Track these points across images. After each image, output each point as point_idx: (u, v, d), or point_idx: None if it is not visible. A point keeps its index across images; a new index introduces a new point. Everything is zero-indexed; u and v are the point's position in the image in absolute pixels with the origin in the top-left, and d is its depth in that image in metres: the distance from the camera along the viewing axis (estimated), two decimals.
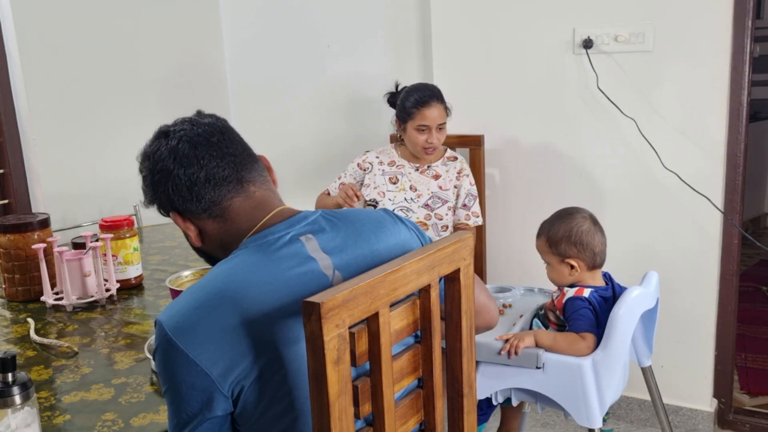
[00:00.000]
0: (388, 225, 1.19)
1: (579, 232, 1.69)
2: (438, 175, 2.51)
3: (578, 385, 1.60)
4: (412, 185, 2.50)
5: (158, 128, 1.18)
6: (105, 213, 2.75)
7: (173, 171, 1.12)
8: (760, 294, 3.73)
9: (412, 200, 2.49)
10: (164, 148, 1.13)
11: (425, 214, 2.48)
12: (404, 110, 2.43)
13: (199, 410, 1.01)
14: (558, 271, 1.72)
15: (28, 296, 1.92)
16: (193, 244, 1.20)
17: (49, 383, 1.41)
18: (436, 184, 2.50)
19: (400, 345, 1.08)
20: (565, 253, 1.70)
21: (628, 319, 1.63)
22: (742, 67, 2.23)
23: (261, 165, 1.19)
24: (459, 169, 2.51)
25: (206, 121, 1.16)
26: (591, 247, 1.69)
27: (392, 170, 2.55)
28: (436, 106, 2.40)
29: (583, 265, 1.69)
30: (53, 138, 2.74)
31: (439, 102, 2.41)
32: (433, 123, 2.40)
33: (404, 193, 2.51)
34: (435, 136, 2.43)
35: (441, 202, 2.48)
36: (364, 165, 2.58)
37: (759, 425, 2.55)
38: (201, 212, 1.13)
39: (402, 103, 2.44)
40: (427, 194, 2.49)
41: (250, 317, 0.99)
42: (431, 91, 2.42)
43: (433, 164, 2.53)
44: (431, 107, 2.39)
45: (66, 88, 2.77)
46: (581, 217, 1.73)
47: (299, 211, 1.15)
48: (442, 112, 2.43)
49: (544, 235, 1.76)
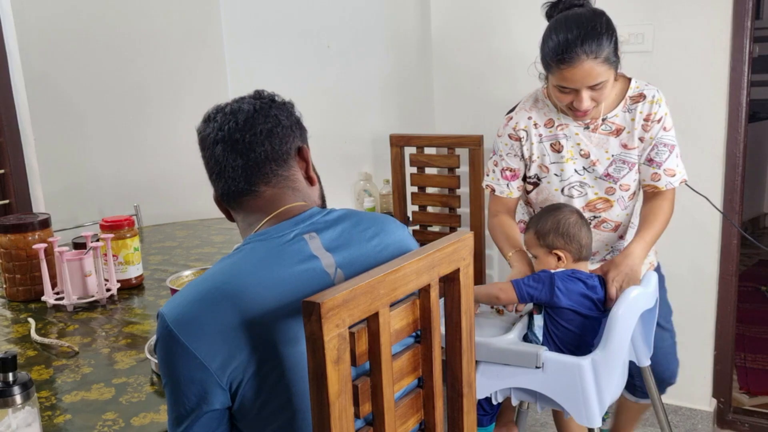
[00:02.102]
0: (390, 227, 1.20)
1: (566, 224, 1.73)
2: (620, 128, 1.79)
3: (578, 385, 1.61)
4: (582, 150, 1.81)
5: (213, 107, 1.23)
6: (105, 213, 2.76)
7: (201, 153, 1.21)
8: (759, 294, 3.73)
9: (586, 170, 1.82)
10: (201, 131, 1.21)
11: (606, 187, 1.83)
12: (542, 56, 1.72)
13: (197, 403, 1.02)
14: (545, 263, 1.75)
15: (28, 296, 1.93)
16: None
17: (50, 383, 1.41)
18: (617, 143, 1.79)
19: (399, 345, 1.09)
20: (552, 244, 1.73)
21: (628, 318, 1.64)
22: (742, 68, 2.23)
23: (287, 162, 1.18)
24: (648, 113, 1.76)
25: (246, 108, 1.17)
26: (578, 239, 1.72)
27: (552, 133, 1.84)
28: (583, 64, 1.61)
29: (570, 257, 1.73)
30: (53, 138, 2.74)
31: (592, 53, 1.61)
32: (579, 85, 1.66)
33: (573, 163, 1.83)
34: (586, 99, 1.68)
35: (627, 167, 1.80)
36: (519, 133, 1.87)
37: (758, 425, 2.55)
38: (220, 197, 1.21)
39: (542, 42, 1.71)
40: (605, 159, 1.80)
41: (251, 314, 1.00)
42: (580, 35, 1.61)
43: (610, 114, 1.79)
44: (574, 66, 1.62)
45: (66, 88, 2.78)
46: (568, 211, 1.76)
47: (307, 208, 1.16)
48: (598, 67, 1.62)
49: (532, 228, 1.77)
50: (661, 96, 1.79)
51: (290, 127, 1.19)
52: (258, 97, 1.21)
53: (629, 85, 1.80)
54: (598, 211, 1.89)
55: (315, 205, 1.19)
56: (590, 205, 1.88)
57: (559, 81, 1.68)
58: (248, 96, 1.22)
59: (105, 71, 2.89)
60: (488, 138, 2.67)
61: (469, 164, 2.63)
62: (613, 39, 1.65)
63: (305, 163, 1.22)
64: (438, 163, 2.74)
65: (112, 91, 2.93)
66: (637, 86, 1.80)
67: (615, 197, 1.84)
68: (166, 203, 3.03)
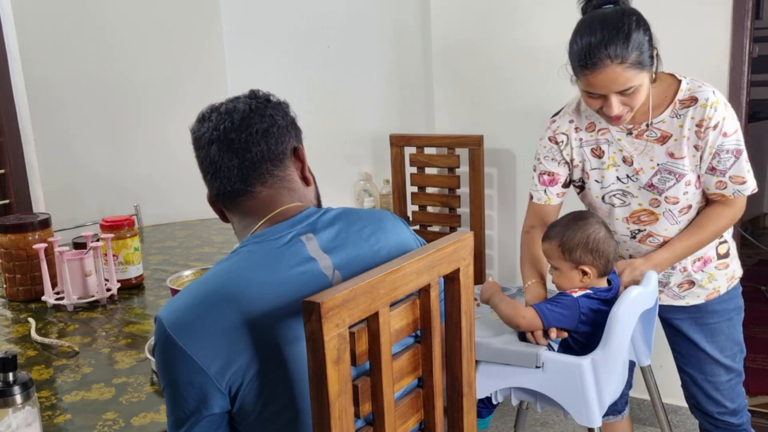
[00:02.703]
0: (388, 225, 1.19)
1: (596, 239, 1.63)
2: (666, 134, 1.65)
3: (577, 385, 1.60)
4: (625, 157, 1.70)
5: (207, 107, 1.22)
6: (106, 213, 2.76)
7: (195, 153, 1.20)
8: (759, 294, 3.73)
9: (629, 179, 1.71)
10: (196, 131, 1.20)
11: (650, 199, 1.71)
12: (569, 59, 1.61)
13: (196, 407, 1.01)
14: (568, 278, 1.67)
15: (29, 296, 1.93)
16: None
17: (50, 383, 1.41)
18: (664, 151, 1.66)
19: (399, 345, 1.09)
20: (579, 260, 1.64)
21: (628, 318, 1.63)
22: (741, 68, 2.23)
23: (283, 162, 1.17)
24: (700, 119, 1.61)
25: (241, 108, 1.16)
26: (606, 254, 1.64)
27: (593, 138, 1.74)
28: (608, 69, 1.51)
29: (596, 272, 1.65)
30: (53, 138, 2.74)
31: (617, 58, 1.50)
32: (606, 90, 1.56)
33: (615, 171, 1.73)
34: (615, 105, 1.57)
35: (674, 179, 1.66)
36: (558, 137, 1.79)
37: (759, 425, 2.55)
38: (214, 197, 1.20)
39: (569, 44, 1.60)
40: (650, 168, 1.68)
41: (249, 316, 0.99)
42: (604, 38, 1.50)
43: (656, 120, 1.66)
44: (599, 72, 1.52)
45: (66, 88, 2.78)
46: (596, 222, 1.66)
47: (303, 209, 1.15)
48: (625, 72, 1.51)
49: (556, 239, 1.66)
50: (717, 98, 1.62)
51: (286, 127, 1.18)
52: (253, 96, 1.20)
53: (679, 87, 1.65)
54: (642, 223, 1.76)
55: (311, 205, 1.19)
56: (634, 216, 1.76)
57: (586, 86, 1.58)
58: (243, 96, 1.21)
59: (105, 71, 2.89)
60: (488, 138, 2.67)
61: (469, 164, 2.63)
62: (644, 41, 1.53)
63: (301, 163, 1.21)
64: (438, 163, 2.74)
65: (112, 91, 2.93)
66: (688, 88, 1.65)
67: (660, 210, 1.70)
68: (166, 203, 3.03)
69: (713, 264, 1.82)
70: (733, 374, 1.91)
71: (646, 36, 1.55)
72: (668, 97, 1.66)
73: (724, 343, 1.88)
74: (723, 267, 1.84)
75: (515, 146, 2.69)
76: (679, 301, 1.86)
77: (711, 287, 1.84)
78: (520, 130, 2.66)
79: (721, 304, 1.86)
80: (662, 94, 1.66)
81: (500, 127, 2.68)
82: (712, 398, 1.91)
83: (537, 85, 2.58)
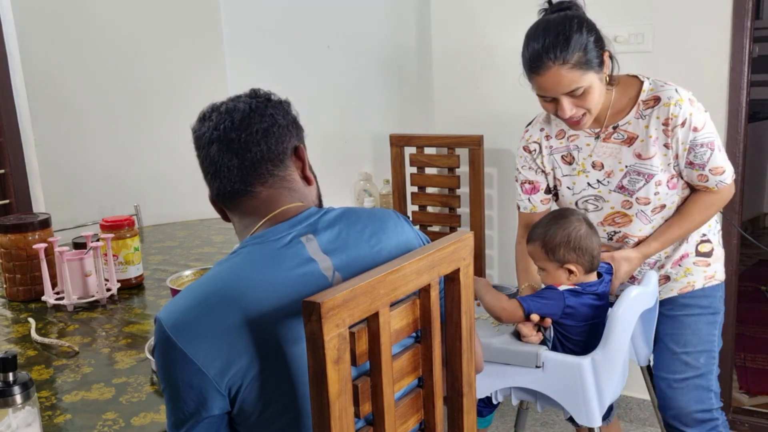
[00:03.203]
0: (390, 225, 1.18)
1: (578, 236, 1.64)
2: (632, 136, 1.69)
3: (578, 385, 1.60)
4: (595, 161, 1.74)
5: (208, 106, 1.21)
6: (106, 213, 2.76)
7: (196, 152, 1.19)
8: (759, 294, 3.73)
9: (600, 183, 1.75)
10: (196, 131, 1.19)
11: (622, 201, 1.74)
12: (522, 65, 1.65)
13: (196, 409, 1.01)
14: (555, 277, 1.68)
15: (29, 296, 1.93)
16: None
17: (50, 383, 1.41)
18: (631, 152, 1.70)
19: (399, 345, 1.09)
20: (563, 259, 1.65)
21: (628, 318, 1.63)
22: (741, 68, 2.23)
23: (283, 162, 1.16)
24: (665, 118, 1.65)
25: (242, 107, 1.15)
26: (590, 251, 1.65)
27: (563, 145, 1.79)
28: (551, 71, 1.56)
29: (582, 270, 1.66)
30: (53, 138, 2.75)
31: (558, 59, 1.55)
32: (553, 93, 1.61)
33: (585, 177, 1.77)
34: (568, 107, 1.62)
35: (643, 179, 1.70)
36: (531, 146, 1.86)
37: (758, 425, 2.55)
38: (215, 197, 1.19)
39: (521, 52, 1.65)
40: (619, 171, 1.72)
41: (249, 317, 0.99)
42: (545, 42, 1.56)
43: (621, 122, 1.70)
44: (543, 74, 1.58)
45: (66, 87, 2.78)
46: (576, 220, 1.67)
47: (304, 209, 1.15)
48: (568, 74, 1.56)
49: (538, 240, 1.67)
50: (680, 96, 1.65)
51: (286, 127, 1.17)
52: (254, 95, 1.19)
53: (641, 88, 1.70)
54: (617, 225, 1.79)
55: (312, 205, 1.18)
56: (608, 219, 1.79)
57: (537, 90, 1.64)
58: (244, 95, 1.20)
59: (105, 71, 2.90)
60: (488, 138, 2.67)
61: (469, 164, 2.63)
62: (588, 42, 1.57)
63: (302, 163, 1.20)
64: (438, 163, 2.74)
65: (112, 90, 2.93)
66: (651, 88, 1.69)
67: (633, 211, 1.74)
68: (166, 203, 3.04)
69: (691, 259, 1.83)
70: (690, 373, 1.77)
71: (591, 37, 1.59)
72: (632, 99, 1.70)
73: (688, 337, 1.79)
74: (702, 264, 1.83)
75: (515, 146, 2.68)
76: None
77: (686, 281, 1.83)
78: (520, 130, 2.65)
79: (694, 299, 1.81)
80: (625, 96, 1.70)
81: (500, 127, 2.68)
82: (666, 396, 1.79)
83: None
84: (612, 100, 1.71)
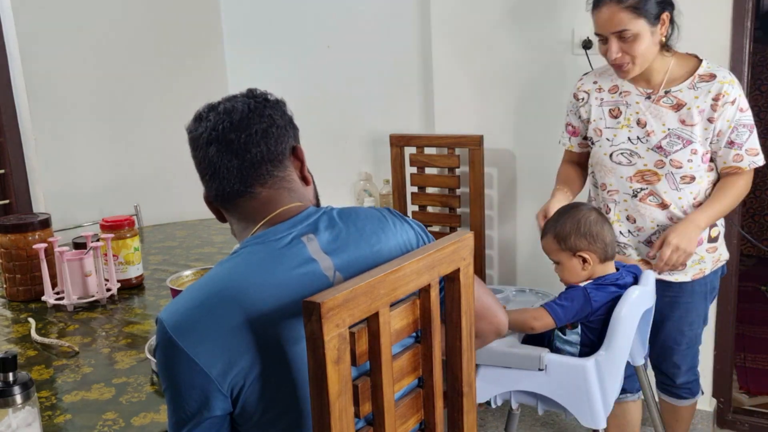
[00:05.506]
0: (390, 225, 1.18)
1: (587, 222, 1.65)
2: (681, 103, 1.80)
3: (582, 386, 1.60)
4: (640, 119, 1.84)
5: (204, 105, 1.20)
6: (106, 213, 2.75)
7: (192, 153, 1.18)
8: (759, 294, 3.73)
9: (639, 140, 1.84)
10: (192, 131, 1.18)
11: (656, 161, 1.82)
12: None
13: (198, 409, 1.01)
14: (570, 269, 1.68)
15: (29, 296, 1.93)
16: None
17: (50, 383, 1.41)
18: (676, 117, 1.80)
19: (399, 345, 1.09)
20: (575, 247, 1.65)
21: (630, 319, 1.63)
22: (741, 68, 2.23)
23: (282, 162, 1.16)
24: (717, 93, 1.76)
25: (240, 108, 1.15)
26: (601, 237, 1.65)
27: (613, 99, 1.90)
28: (606, 7, 1.72)
29: (595, 258, 1.65)
30: (53, 138, 2.74)
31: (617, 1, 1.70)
32: (605, 30, 1.75)
33: (627, 131, 1.86)
34: (615, 48, 1.74)
35: (681, 144, 1.79)
36: (579, 95, 1.97)
37: (758, 425, 2.55)
38: (212, 198, 1.18)
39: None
40: (661, 132, 1.81)
41: (250, 317, 0.99)
42: None
43: (674, 88, 1.81)
44: (599, 9, 1.74)
45: (66, 87, 2.78)
46: (586, 209, 1.69)
47: (303, 209, 1.15)
48: (621, 13, 1.70)
49: (550, 232, 1.69)
50: (733, 78, 1.79)
51: (284, 127, 1.17)
52: (251, 95, 1.19)
53: (700, 64, 1.82)
54: (646, 182, 1.86)
55: (311, 205, 1.18)
56: (638, 175, 1.87)
57: (594, 28, 1.77)
58: (240, 94, 1.19)
59: (105, 71, 2.89)
60: (488, 138, 2.67)
61: (469, 164, 2.63)
62: None
63: (300, 163, 1.20)
64: (438, 163, 2.74)
65: (112, 91, 2.93)
66: (708, 67, 1.81)
67: (663, 171, 1.82)
68: (166, 203, 3.03)
69: (704, 246, 1.91)
70: (691, 341, 2.03)
71: None
72: (689, 72, 1.82)
73: (694, 318, 1.99)
74: (712, 251, 1.93)
75: (515, 146, 2.69)
76: (669, 276, 1.93)
77: (698, 268, 1.93)
78: (520, 130, 2.66)
79: (701, 285, 1.95)
80: (683, 68, 1.83)
81: (500, 127, 2.68)
82: (671, 362, 2.04)
83: (537, 85, 2.58)
84: (669, 68, 1.82)
